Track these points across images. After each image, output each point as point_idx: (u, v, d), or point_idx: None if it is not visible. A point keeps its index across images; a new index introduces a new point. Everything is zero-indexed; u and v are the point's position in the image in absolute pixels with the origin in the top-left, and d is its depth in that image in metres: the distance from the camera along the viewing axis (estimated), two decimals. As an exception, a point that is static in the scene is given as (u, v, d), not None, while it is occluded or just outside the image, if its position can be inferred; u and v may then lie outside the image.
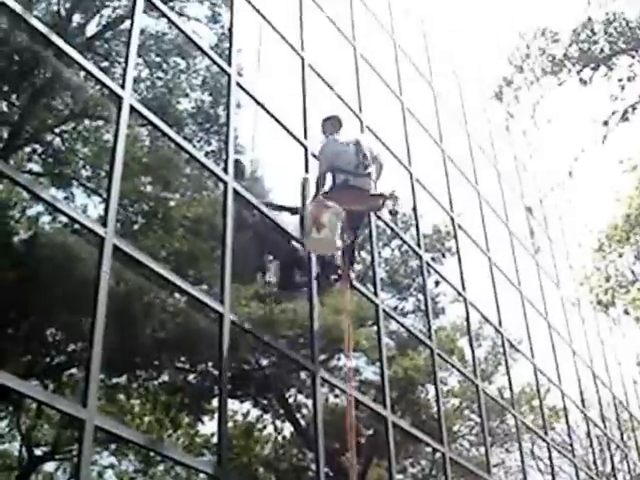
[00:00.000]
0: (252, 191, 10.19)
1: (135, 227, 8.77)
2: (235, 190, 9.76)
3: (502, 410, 16.16)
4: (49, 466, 6.89)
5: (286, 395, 10.22)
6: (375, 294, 12.34)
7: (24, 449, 6.71)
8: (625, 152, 21.53)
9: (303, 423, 10.11)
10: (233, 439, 8.70)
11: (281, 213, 10.74)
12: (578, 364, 22.70)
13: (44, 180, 7.70)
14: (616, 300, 21.02)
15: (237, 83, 10.76)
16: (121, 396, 7.74)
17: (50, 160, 8.05)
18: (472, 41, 23.92)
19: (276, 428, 9.70)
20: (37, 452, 6.86)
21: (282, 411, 9.99)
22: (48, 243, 7.47)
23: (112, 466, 7.27)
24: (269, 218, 10.36)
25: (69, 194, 7.87)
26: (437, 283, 15.18)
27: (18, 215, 7.35)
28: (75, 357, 7.43)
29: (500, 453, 15.97)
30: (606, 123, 15.08)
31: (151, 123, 8.95)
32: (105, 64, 8.94)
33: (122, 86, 8.61)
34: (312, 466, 9.60)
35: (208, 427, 8.32)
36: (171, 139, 9.17)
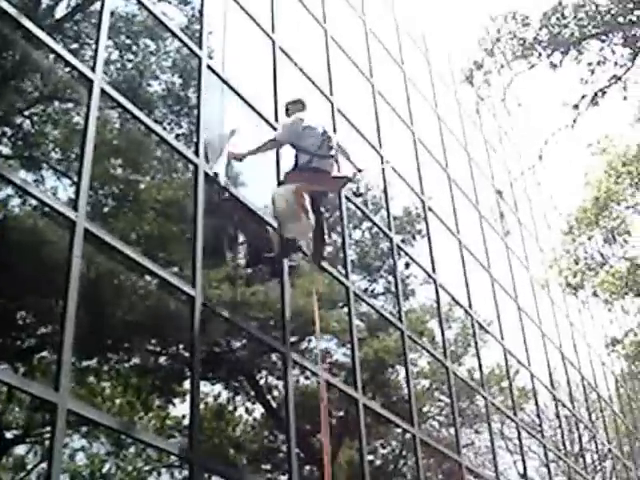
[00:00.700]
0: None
1: (105, 210, 8.74)
2: (206, 173, 9.75)
3: (472, 391, 16.30)
4: (20, 449, 6.88)
5: (257, 377, 10.26)
6: (346, 276, 12.39)
7: (-5, 432, 6.72)
8: (594, 135, 21.75)
9: (274, 405, 10.16)
10: (204, 421, 8.73)
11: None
12: (547, 346, 22.93)
13: (13, 163, 7.65)
14: (585, 283, 21.25)
15: (208, 66, 10.73)
16: (92, 379, 7.74)
17: (20, 143, 7.99)
18: (443, 24, 23.97)
19: (247, 410, 9.73)
20: (8, 435, 6.85)
21: (253, 393, 10.03)
22: (18, 226, 7.44)
23: (84, 449, 7.27)
24: (239, 201, 10.35)
25: (39, 177, 7.83)
26: (407, 265, 15.26)
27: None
28: (46, 340, 7.42)
29: (470, 434, 16.10)
30: (576, 107, 15.16)
31: (121, 106, 8.91)
32: (75, 46, 8.88)
33: (92, 69, 8.57)
34: (283, 447, 9.67)
35: (179, 409, 8.33)
36: (141, 122, 9.14)
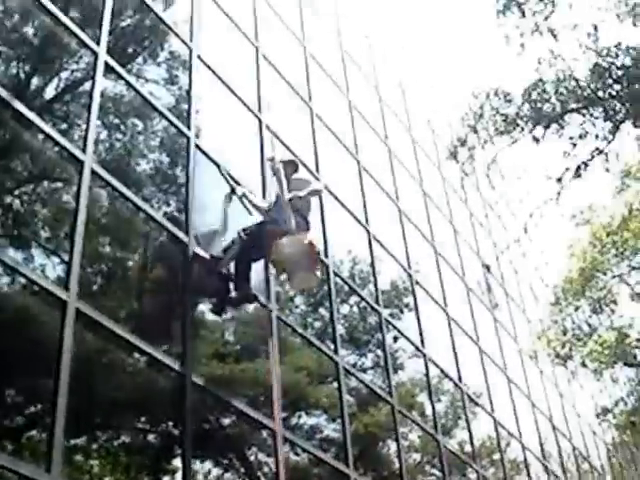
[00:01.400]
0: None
1: (95, 288, 8.78)
2: (194, 252, 9.82)
3: (463, 464, 16.20)
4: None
5: (247, 454, 10.20)
6: (335, 352, 12.40)
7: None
8: (578, 206, 22.01)
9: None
10: (195, 500, 8.66)
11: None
12: (537, 416, 22.84)
13: (2, 241, 7.70)
14: (573, 353, 21.28)
15: (196, 145, 10.88)
16: (80, 457, 7.69)
17: (9, 222, 8.06)
18: (426, 99, 24.37)
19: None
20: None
21: (243, 470, 9.97)
22: (7, 305, 7.46)
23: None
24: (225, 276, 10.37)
25: (28, 256, 7.88)
26: (396, 339, 15.28)
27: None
28: (35, 419, 7.39)
29: (462, 508, 15.98)
30: (559, 180, 15.39)
31: (111, 185, 9.00)
32: (64, 126, 9.02)
33: (83, 150, 8.68)
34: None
35: (169, 488, 8.30)
36: (130, 200, 9.22)
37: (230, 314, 10.33)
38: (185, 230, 9.88)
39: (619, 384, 25.66)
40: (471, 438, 16.90)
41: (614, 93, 14.74)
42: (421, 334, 16.24)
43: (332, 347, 12.43)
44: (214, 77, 12.23)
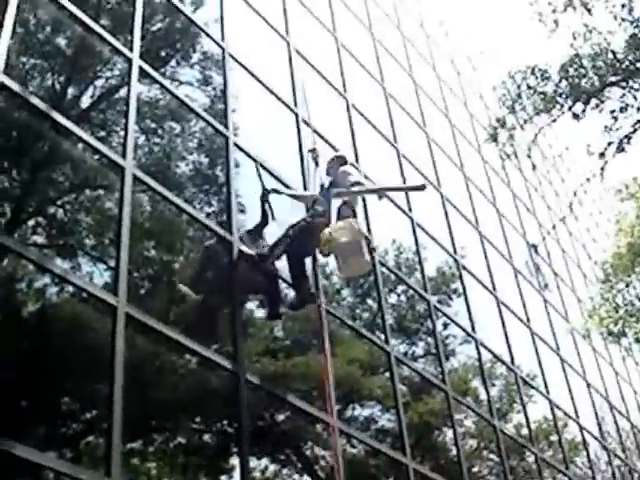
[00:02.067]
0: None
1: (142, 292, 8.83)
2: (240, 250, 9.83)
3: (521, 448, 16.09)
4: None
5: (303, 448, 10.20)
6: (386, 342, 12.37)
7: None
8: (623, 180, 21.67)
9: (322, 475, 10.08)
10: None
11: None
12: (594, 396, 22.61)
13: (49, 252, 7.78)
14: (627, 329, 20.97)
15: (234, 143, 10.90)
16: (138, 461, 7.75)
17: (54, 232, 8.13)
18: (462, 83, 24.20)
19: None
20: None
21: (300, 465, 9.97)
22: (58, 314, 7.52)
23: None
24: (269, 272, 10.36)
25: (75, 264, 7.95)
26: (445, 325, 15.20)
27: (25, 288, 7.41)
28: (92, 425, 7.45)
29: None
30: (602, 155, 15.16)
31: (152, 189, 9.05)
32: (102, 133, 9.08)
33: (123, 156, 8.74)
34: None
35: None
36: (172, 202, 9.27)
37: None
38: (229, 229, 9.90)
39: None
40: (527, 421, 16.78)
41: (653, 63, 14.50)
42: (471, 319, 16.14)
43: (382, 337, 12.40)
44: (248, 75, 12.25)
